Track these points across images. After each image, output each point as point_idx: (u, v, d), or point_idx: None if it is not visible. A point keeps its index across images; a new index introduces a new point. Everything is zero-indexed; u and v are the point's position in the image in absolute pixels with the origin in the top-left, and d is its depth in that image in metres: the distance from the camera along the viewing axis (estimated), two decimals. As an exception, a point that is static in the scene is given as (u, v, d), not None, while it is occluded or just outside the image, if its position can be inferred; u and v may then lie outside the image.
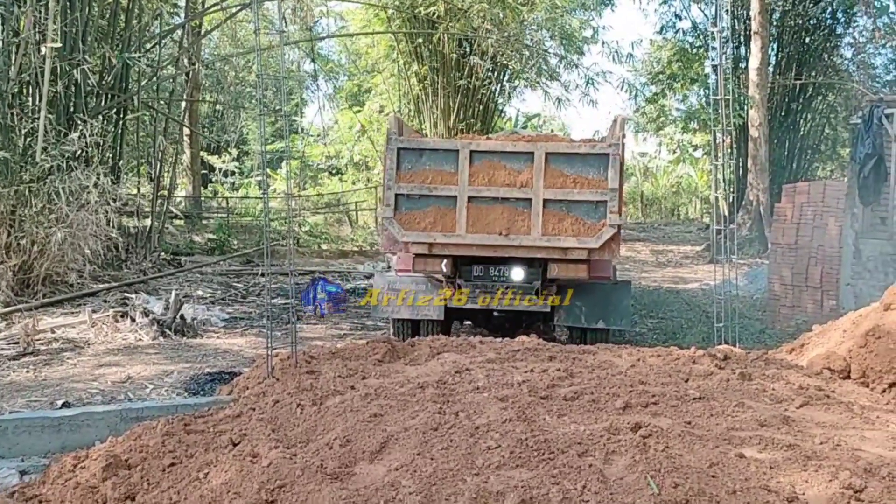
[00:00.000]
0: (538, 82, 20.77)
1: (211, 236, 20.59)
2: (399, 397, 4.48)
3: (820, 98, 25.09)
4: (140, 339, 8.73)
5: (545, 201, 7.32)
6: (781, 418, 4.06)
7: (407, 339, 7.84)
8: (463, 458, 3.56)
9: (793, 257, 10.69)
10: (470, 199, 7.38)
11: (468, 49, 19.32)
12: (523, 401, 4.28)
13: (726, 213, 8.17)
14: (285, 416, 4.47)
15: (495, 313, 8.51)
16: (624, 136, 7.51)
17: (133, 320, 9.09)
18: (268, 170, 13.24)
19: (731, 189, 22.36)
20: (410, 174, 7.46)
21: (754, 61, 19.95)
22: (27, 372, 7.23)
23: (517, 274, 7.76)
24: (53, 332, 8.79)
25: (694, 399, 4.38)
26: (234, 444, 4.12)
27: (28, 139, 10.90)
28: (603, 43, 21.45)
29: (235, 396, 5.32)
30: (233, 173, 34.26)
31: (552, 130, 31.30)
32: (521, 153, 7.44)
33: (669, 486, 3.20)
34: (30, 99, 11.61)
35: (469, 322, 9.78)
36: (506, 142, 7.81)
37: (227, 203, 28.65)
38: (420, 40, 19.45)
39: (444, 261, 7.57)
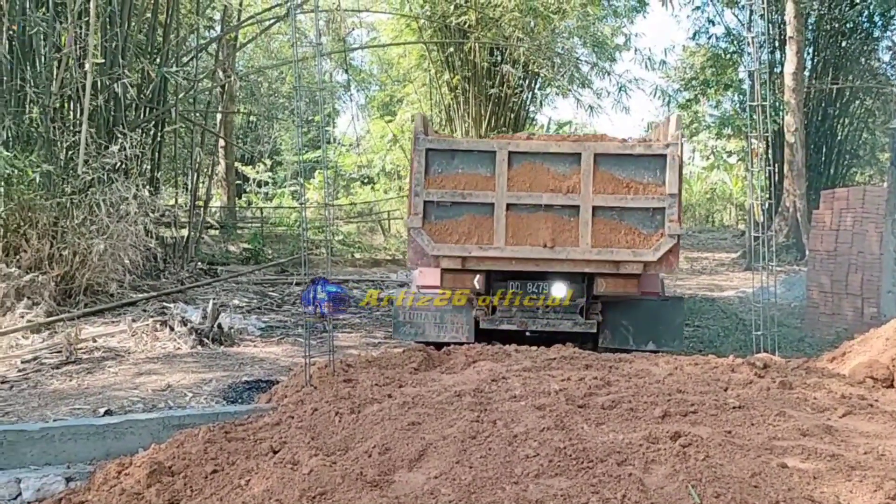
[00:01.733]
0: (570, 90, 20.75)
1: (246, 246, 20.84)
2: (436, 406, 4.50)
3: (857, 102, 24.75)
4: (179, 348, 8.84)
5: (595, 209, 6.66)
6: (824, 428, 4.01)
7: None
8: (501, 466, 3.57)
9: (832, 264, 10.53)
10: (509, 206, 6.71)
11: (500, 57, 19.36)
12: (560, 409, 4.28)
13: (762, 220, 7.98)
14: (324, 423, 4.52)
15: (527, 334, 7.70)
16: (682, 135, 6.88)
17: (172, 329, 9.21)
18: (302, 179, 13.30)
19: (767, 195, 22.08)
20: (441, 178, 6.79)
21: (790, 66, 19.73)
22: (70, 380, 7.36)
23: (559, 290, 7.05)
24: (95, 341, 8.94)
25: (734, 408, 4.35)
26: (275, 452, 4.17)
27: (70, 152, 11.13)
28: (635, 50, 21.35)
29: (274, 404, 5.38)
30: (266, 183, 34.68)
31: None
32: (566, 154, 6.76)
33: (711, 495, 3.18)
34: (71, 113, 11.87)
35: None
36: (549, 142, 7.07)
37: (262, 213, 28.98)
38: (451, 49, 19.53)
39: (477, 277, 6.91)
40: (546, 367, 5.57)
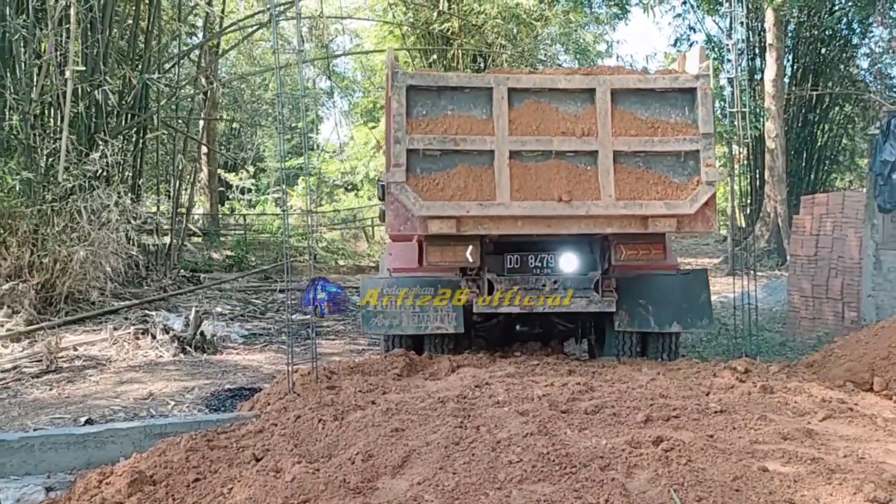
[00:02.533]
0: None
1: (229, 253, 20.76)
2: (420, 412, 4.50)
3: (837, 109, 25.01)
4: (161, 356, 8.79)
5: (616, 154, 5.61)
6: (804, 431, 4.05)
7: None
8: (485, 472, 3.57)
9: (812, 269, 10.62)
10: (512, 154, 5.60)
11: (483, 64, 19.43)
12: (544, 415, 4.29)
13: (744, 225, 7.88)
14: (307, 431, 4.50)
15: (517, 327, 6.99)
16: (710, 66, 5.84)
17: (154, 337, 9.16)
18: (285, 186, 13.39)
19: (749, 201, 22.35)
20: (427, 122, 5.67)
21: (770, 73, 19.95)
22: (50, 389, 7.30)
23: (569, 262, 6.13)
24: (76, 349, 8.87)
25: (716, 412, 4.38)
26: (257, 460, 4.15)
27: (50, 159, 11.05)
28: (617, 56, 21.83)
29: (257, 412, 5.35)
30: (249, 190, 34.55)
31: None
32: (577, 91, 5.71)
33: (693, 500, 3.19)
34: (52, 120, 11.78)
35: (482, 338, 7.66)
36: (556, 76, 5.91)
37: (245, 220, 28.88)
38: (435, 56, 19.60)
39: (470, 247, 5.85)
40: (529, 372, 5.59)
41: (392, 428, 4.20)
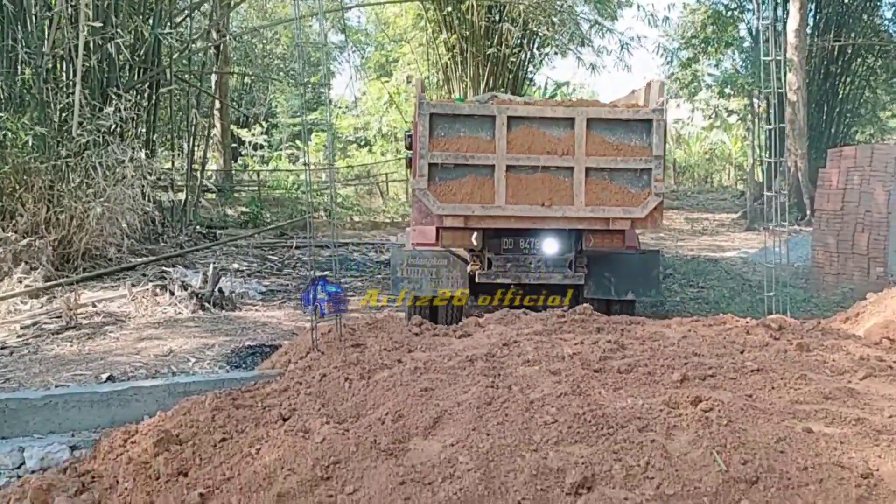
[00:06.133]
0: (570, 48, 20.48)
1: (244, 209, 20.67)
2: (448, 371, 4.41)
3: (859, 60, 24.46)
4: (179, 313, 8.75)
5: (587, 170, 7.01)
6: (846, 391, 3.93)
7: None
8: (519, 433, 3.48)
9: (838, 224, 10.42)
10: (509, 168, 7.00)
11: (498, 16, 19.03)
12: (576, 374, 4.19)
13: (763, 180, 7.87)
14: (333, 390, 4.42)
15: (512, 287, 8.17)
16: (666, 100, 7.18)
17: (172, 294, 9.11)
18: (298, 142, 13.21)
19: (768, 153, 21.95)
20: (444, 141, 7.04)
21: (792, 23, 19.46)
22: (71, 346, 7.28)
23: (550, 246, 7.57)
24: (94, 305, 8.84)
25: (752, 371, 4.26)
26: (284, 419, 4.08)
27: (63, 114, 10.91)
28: (637, 6, 21.08)
29: (281, 370, 5.28)
30: (262, 146, 34.33)
31: (581, 98, 30.82)
32: (561, 119, 7.08)
33: (738, 462, 3.10)
34: (64, 74, 11.62)
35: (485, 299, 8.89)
36: (545, 107, 7.39)
37: (258, 176, 28.72)
38: (449, 8, 19.19)
39: (475, 234, 7.25)
40: (557, 330, 5.48)
41: (421, 387, 4.11)
